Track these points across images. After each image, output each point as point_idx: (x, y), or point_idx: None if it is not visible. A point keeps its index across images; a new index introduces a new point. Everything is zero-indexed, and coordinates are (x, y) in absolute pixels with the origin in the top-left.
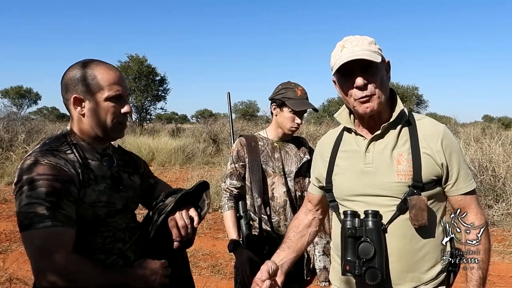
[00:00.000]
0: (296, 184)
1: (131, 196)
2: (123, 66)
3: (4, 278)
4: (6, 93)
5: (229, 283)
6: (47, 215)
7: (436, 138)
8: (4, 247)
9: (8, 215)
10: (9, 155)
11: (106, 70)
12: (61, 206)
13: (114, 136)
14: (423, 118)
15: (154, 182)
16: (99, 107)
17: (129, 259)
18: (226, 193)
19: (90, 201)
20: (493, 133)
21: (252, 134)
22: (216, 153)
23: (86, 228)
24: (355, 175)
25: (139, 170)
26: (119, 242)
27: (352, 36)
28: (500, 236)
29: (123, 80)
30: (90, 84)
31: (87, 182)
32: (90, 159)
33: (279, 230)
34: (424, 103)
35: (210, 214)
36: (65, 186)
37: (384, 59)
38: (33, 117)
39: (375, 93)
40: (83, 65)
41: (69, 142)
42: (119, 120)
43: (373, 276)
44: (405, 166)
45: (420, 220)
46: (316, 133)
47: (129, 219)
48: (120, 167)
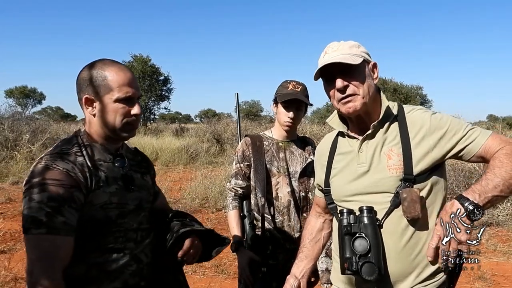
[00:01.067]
0: (301, 185)
1: (145, 196)
2: (127, 66)
3: (9, 277)
4: (11, 93)
5: (233, 283)
6: (44, 221)
7: (425, 122)
8: (9, 246)
9: (13, 214)
10: (13, 154)
11: (117, 71)
12: (62, 212)
13: (124, 136)
14: (413, 109)
15: (158, 190)
16: (108, 108)
17: (141, 262)
18: (231, 193)
19: (101, 203)
20: (497, 133)
21: (258, 134)
22: (220, 153)
23: (96, 229)
24: (350, 176)
25: (151, 171)
26: (130, 242)
27: (335, 42)
28: (505, 237)
29: (134, 82)
30: (100, 85)
31: (97, 185)
32: (102, 160)
33: (283, 230)
34: (428, 103)
35: (213, 214)
36: (68, 192)
37: (368, 60)
38: (37, 117)
39: (358, 93)
40: (95, 65)
41: (80, 144)
42: (128, 121)
43: (370, 271)
44: (395, 160)
45: (413, 212)
46: (320, 133)
47: (141, 219)
48: (132, 167)
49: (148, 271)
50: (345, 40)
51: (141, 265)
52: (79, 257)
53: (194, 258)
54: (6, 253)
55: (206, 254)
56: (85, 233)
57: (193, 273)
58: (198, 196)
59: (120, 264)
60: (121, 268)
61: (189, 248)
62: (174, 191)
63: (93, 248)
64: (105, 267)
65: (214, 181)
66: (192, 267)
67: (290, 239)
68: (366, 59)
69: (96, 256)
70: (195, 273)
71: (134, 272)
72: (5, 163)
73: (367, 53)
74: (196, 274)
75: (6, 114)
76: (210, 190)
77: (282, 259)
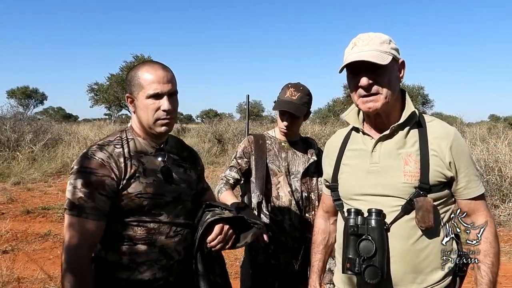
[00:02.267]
0: (303, 185)
1: (185, 189)
2: (128, 66)
3: (12, 277)
4: (13, 93)
5: (234, 282)
6: (77, 204)
7: (446, 140)
8: (12, 246)
9: (15, 214)
10: (15, 155)
11: (149, 70)
12: (93, 197)
13: (157, 131)
14: (434, 120)
15: (207, 187)
16: (142, 104)
17: (172, 258)
18: (222, 180)
19: (136, 192)
20: (499, 133)
21: (261, 133)
22: (221, 153)
23: (130, 218)
24: (360, 174)
25: (197, 167)
26: (162, 235)
27: (366, 33)
28: (507, 237)
29: (165, 79)
30: (135, 84)
31: (133, 175)
32: (143, 152)
33: (284, 229)
34: (429, 103)
35: None
36: (100, 179)
37: (397, 58)
38: (39, 117)
39: (381, 92)
40: (137, 66)
41: (122, 138)
42: (159, 116)
43: (373, 275)
44: (412, 167)
45: (427, 222)
46: (321, 133)
47: (179, 212)
48: (175, 161)
49: (179, 268)
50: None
51: (171, 261)
52: (114, 244)
53: (225, 244)
54: (9, 253)
55: (239, 240)
56: (120, 221)
57: None
58: None
59: (150, 257)
60: (150, 261)
61: (217, 234)
62: None
63: (126, 237)
64: (135, 258)
65: (216, 181)
66: None
67: (291, 238)
68: (395, 57)
69: (128, 245)
70: None
71: (163, 267)
72: (7, 163)
73: (396, 50)
74: None
75: (8, 114)
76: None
77: (283, 259)
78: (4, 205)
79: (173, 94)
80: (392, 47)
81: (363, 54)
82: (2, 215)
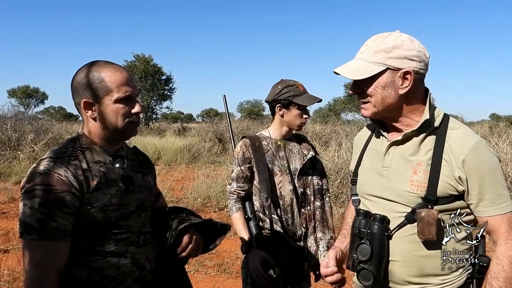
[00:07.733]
0: (299, 181)
1: (146, 196)
2: (129, 65)
3: (13, 276)
4: (14, 92)
5: (235, 282)
6: (36, 227)
7: (460, 152)
8: (12, 245)
9: (16, 214)
10: (16, 154)
11: (113, 71)
12: (54, 217)
13: (128, 135)
14: (459, 128)
15: (159, 192)
16: (109, 109)
17: (144, 269)
18: (233, 195)
19: (101, 205)
20: (500, 132)
21: (255, 135)
22: (222, 152)
23: (97, 232)
24: (373, 175)
25: (152, 172)
26: (132, 245)
27: (373, 37)
28: None
29: (131, 80)
30: (98, 87)
31: (95, 187)
32: (102, 162)
33: (288, 228)
34: None
35: (215, 213)
36: (60, 196)
37: (396, 68)
38: (40, 117)
39: (370, 101)
40: (90, 68)
41: (77, 147)
42: (131, 120)
43: (366, 277)
44: (420, 177)
45: (427, 234)
46: (322, 132)
47: (144, 220)
48: (133, 167)
49: (151, 279)
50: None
51: (144, 271)
52: (80, 261)
53: (196, 251)
54: (10, 252)
55: (210, 244)
56: (86, 237)
57: (196, 272)
58: (200, 196)
59: (122, 270)
60: (123, 274)
61: (188, 243)
62: (177, 191)
63: (94, 252)
64: (106, 273)
65: (216, 180)
66: (194, 267)
67: (295, 237)
68: (393, 67)
69: (97, 260)
70: (197, 272)
71: (136, 279)
72: (8, 162)
73: (400, 58)
74: (198, 273)
75: (9, 114)
76: (212, 190)
77: (287, 258)
78: (5, 204)
79: (138, 96)
80: (392, 56)
81: (347, 65)
82: (4, 214)
